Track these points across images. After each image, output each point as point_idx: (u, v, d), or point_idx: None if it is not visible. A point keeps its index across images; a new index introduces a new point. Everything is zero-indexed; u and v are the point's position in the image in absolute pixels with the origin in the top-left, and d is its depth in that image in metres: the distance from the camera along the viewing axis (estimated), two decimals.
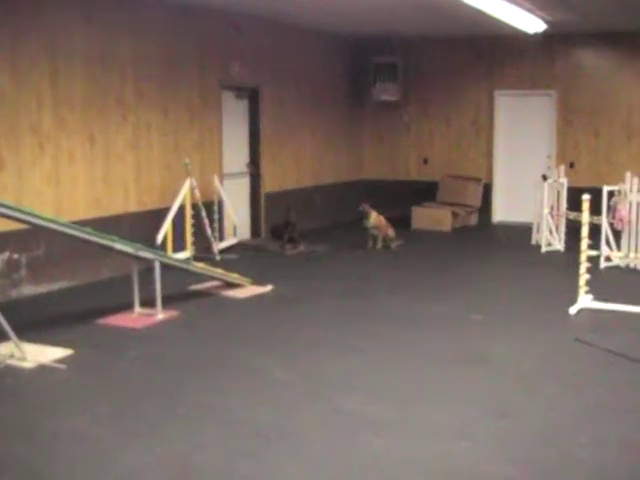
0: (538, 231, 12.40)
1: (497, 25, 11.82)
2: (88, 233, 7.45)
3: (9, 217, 6.85)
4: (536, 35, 12.84)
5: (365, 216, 12.28)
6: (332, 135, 15.14)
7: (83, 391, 6.09)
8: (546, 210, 11.96)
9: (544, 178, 12.21)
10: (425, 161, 15.61)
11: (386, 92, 15.55)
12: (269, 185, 13.27)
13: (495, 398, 5.90)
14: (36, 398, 5.97)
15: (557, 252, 11.88)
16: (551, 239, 12.06)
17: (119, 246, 7.69)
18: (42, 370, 6.44)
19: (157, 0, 10.37)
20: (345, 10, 11.79)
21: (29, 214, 6.99)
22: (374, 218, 12.27)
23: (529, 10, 10.92)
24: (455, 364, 6.66)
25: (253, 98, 12.99)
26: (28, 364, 6.52)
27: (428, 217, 14.42)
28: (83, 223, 8.28)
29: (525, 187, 13.75)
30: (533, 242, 12.51)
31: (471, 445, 5.03)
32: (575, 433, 5.26)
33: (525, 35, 13.00)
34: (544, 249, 11.93)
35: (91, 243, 7.62)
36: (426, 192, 15.12)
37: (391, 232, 12.44)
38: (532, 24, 11.89)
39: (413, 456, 4.89)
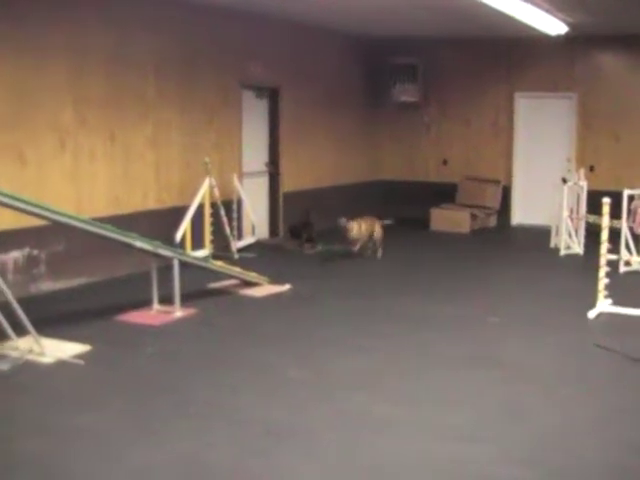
0: (557, 234, 12.34)
1: (517, 27, 11.79)
2: (109, 230, 7.49)
3: (31, 213, 6.91)
4: (557, 37, 12.79)
5: (346, 231, 11.05)
6: (351, 135, 15.14)
7: (99, 387, 6.13)
8: (565, 213, 11.91)
9: (564, 181, 12.16)
10: (445, 162, 15.58)
11: (406, 93, 15.54)
12: (288, 185, 13.29)
13: (509, 401, 5.89)
14: (53, 393, 6.01)
15: (576, 255, 11.83)
16: (570, 242, 12.01)
17: (139, 244, 7.73)
18: (60, 365, 6.49)
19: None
20: (364, 11, 11.76)
21: (51, 211, 7.04)
22: (356, 231, 11.09)
23: (548, 12, 10.88)
24: (470, 366, 6.65)
25: (273, 98, 13.02)
26: (47, 359, 6.56)
27: (447, 219, 14.39)
28: (102, 220, 8.30)
29: (544, 190, 13.67)
30: (552, 245, 12.45)
31: (483, 447, 5.03)
32: (589, 437, 5.25)
33: (545, 37, 12.95)
34: (563, 252, 11.88)
35: (111, 240, 7.66)
36: (445, 194, 15.08)
37: (377, 233, 11.53)
38: (553, 26, 11.85)
39: (423, 457, 4.89)
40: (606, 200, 8.43)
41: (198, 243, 10.52)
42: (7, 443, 5.07)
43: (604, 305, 8.39)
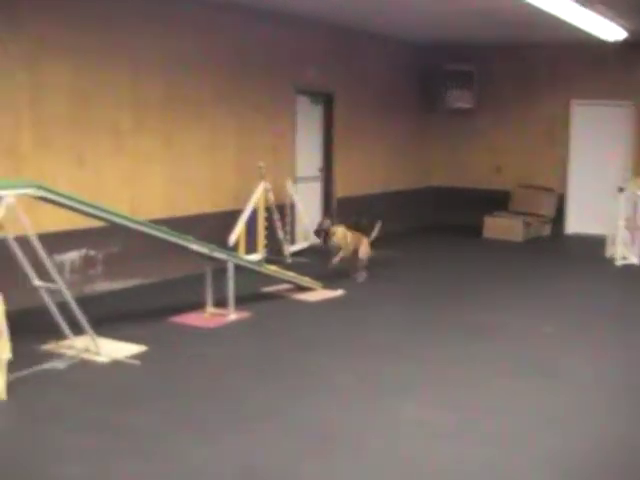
0: (613, 244, 12.15)
1: (575, 33, 11.65)
2: (165, 232, 7.55)
3: (89, 215, 6.98)
4: (615, 44, 12.61)
5: (327, 235, 10.17)
6: (404, 141, 15.11)
7: (154, 388, 6.18)
8: (622, 222, 11.74)
9: (620, 190, 11.99)
10: (498, 169, 15.45)
11: (460, 99, 15.46)
12: (341, 190, 13.29)
13: (556, 411, 5.82)
14: (108, 392, 6.08)
15: (632, 266, 11.64)
16: (626, 252, 11.83)
17: (195, 246, 7.78)
18: (116, 365, 6.56)
19: (234, 5, 10.47)
20: (418, 18, 11.73)
21: (110, 212, 7.10)
22: (339, 237, 10.10)
23: (608, 17, 10.72)
24: (520, 375, 6.59)
25: (327, 103, 13.04)
26: (102, 359, 6.64)
27: (500, 227, 14.27)
28: (157, 222, 8.36)
29: (600, 198, 13.52)
30: (607, 255, 12.25)
31: (524, 456, 5.00)
32: (632, 450, 5.17)
33: (604, 43, 12.77)
34: (619, 262, 11.69)
35: (167, 242, 7.71)
36: (498, 201, 14.95)
37: (363, 250, 10.24)
38: (612, 32, 11.68)
39: (467, 463, 4.88)
40: None
41: (251, 247, 10.55)
42: (59, 440, 5.13)
43: None
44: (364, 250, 10.26)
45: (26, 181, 6.93)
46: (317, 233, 10.34)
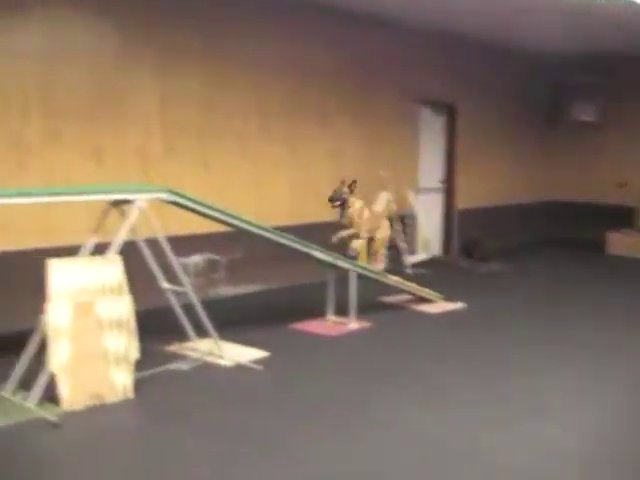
0: None
1: None
2: (289, 240, 7.58)
3: (217, 220, 7.06)
4: None
5: (344, 204, 9.62)
6: (526, 154, 14.86)
7: (276, 393, 6.20)
8: None
9: None
10: (622, 185, 15.00)
11: (585, 112, 15.10)
12: (462, 202, 13.14)
13: None
14: (231, 396, 6.13)
15: None
16: None
17: (318, 254, 7.79)
18: (239, 369, 6.63)
19: (360, 17, 10.48)
20: (541, 29, 11.52)
21: (237, 219, 7.17)
22: (356, 211, 9.63)
23: None
24: None
25: (450, 114, 12.93)
26: (225, 362, 6.71)
27: (624, 243, 13.87)
28: (281, 229, 8.39)
29: None
30: None
31: None
32: None
33: None
34: None
35: (290, 249, 7.73)
36: (622, 217, 14.53)
37: (381, 233, 10.14)
38: None
39: None
40: None
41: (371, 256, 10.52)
42: (184, 441, 5.18)
43: None
44: (382, 233, 10.19)
45: (158, 186, 7.07)
46: (332, 200, 9.56)
